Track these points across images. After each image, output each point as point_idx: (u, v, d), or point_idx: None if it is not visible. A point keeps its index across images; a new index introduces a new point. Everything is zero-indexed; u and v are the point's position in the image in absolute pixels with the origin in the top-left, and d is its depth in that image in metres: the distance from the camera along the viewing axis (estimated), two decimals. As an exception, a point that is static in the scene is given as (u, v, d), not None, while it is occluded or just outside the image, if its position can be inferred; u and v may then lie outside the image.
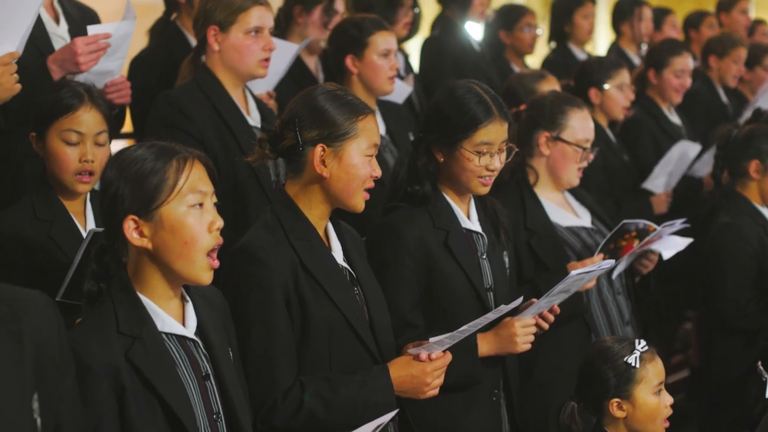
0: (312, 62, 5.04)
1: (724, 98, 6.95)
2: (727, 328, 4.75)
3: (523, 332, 3.40)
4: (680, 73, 5.97)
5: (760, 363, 3.87)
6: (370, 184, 3.04)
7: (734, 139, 4.91)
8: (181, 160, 2.50)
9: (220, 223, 2.52)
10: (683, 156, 5.62)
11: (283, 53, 4.41)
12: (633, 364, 3.30)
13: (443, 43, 6.04)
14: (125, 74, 4.33)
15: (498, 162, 3.45)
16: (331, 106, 3.00)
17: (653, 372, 3.32)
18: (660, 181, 5.59)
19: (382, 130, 4.60)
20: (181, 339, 2.55)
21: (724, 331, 4.79)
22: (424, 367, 3.00)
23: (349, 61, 4.51)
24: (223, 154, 3.76)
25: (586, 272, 3.39)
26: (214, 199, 2.55)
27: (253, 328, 2.88)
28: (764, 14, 10.48)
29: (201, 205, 2.51)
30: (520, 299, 3.29)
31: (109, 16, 3.84)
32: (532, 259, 3.99)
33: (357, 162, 2.99)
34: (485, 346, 3.41)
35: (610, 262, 3.58)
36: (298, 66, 4.81)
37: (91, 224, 3.34)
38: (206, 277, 2.53)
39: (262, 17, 3.93)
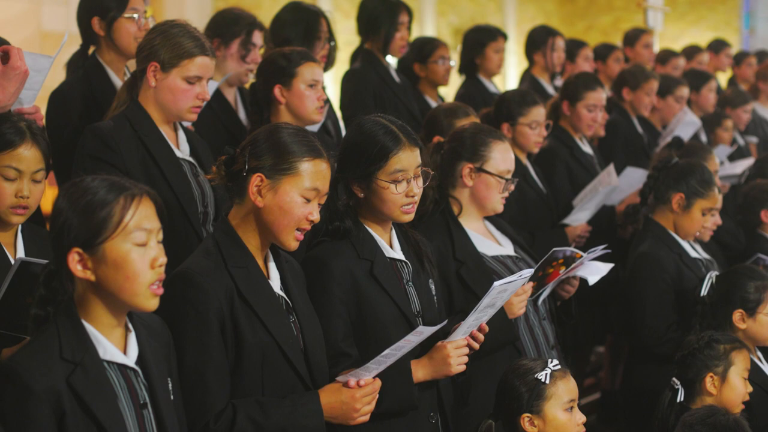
0: (231, 94, 5.07)
1: (639, 128, 7.12)
2: (647, 353, 4.88)
3: (456, 354, 3.47)
4: (592, 107, 6.11)
5: (674, 378, 4.04)
6: (305, 226, 3.12)
7: (672, 166, 5.05)
8: (128, 197, 2.55)
9: (163, 259, 2.58)
10: (607, 191, 5.74)
11: None
12: (543, 380, 3.41)
13: (364, 75, 6.09)
14: (43, 107, 4.30)
15: (416, 187, 3.54)
16: (288, 141, 3.10)
17: (564, 389, 3.45)
18: (580, 215, 5.71)
19: None
20: (122, 367, 2.60)
21: (644, 357, 4.92)
22: (354, 394, 3.09)
23: (277, 90, 4.58)
24: (147, 186, 3.76)
25: (509, 282, 3.47)
26: (161, 236, 2.60)
27: (187, 351, 2.94)
28: (668, 46, 10.77)
29: (145, 241, 2.55)
30: (444, 322, 3.40)
31: (19, 45, 3.82)
32: (462, 289, 4.05)
33: (291, 200, 3.07)
34: (420, 371, 3.48)
35: (530, 271, 3.67)
36: (217, 98, 4.85)
37: (20, 255, 3.36)
38: (151, 305, 2.59)
39: (204, 68, 3.97)
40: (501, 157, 4.19)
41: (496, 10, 17.01)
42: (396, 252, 3.63)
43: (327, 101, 4.79)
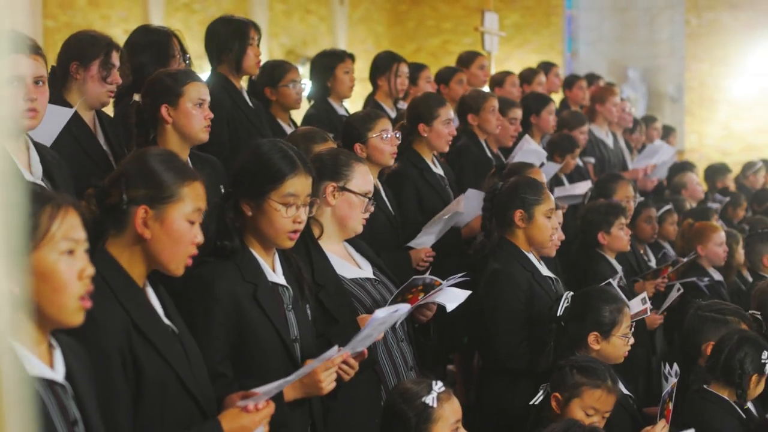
0: (89, 118, 4.97)
1: (488, 152, 7.24)
2: (500, 368, 4.98)
3: (325, 375, 3.48)
4: (447, 122, 6.21)
5: (544, 386, 4.18)
6: (193, 251, 3.09)
7: (500, 192, 5.18)
8: (54, 206, 2.47)
9: (90, 270, 2.51)
10: (453, 217, 5.80)
11: (58, 117, 4.40)
12: (431, 404, 3.47)
13: (217, 99, 6.00)
14: None
15: (304, 215, 3.59)
16: (160, 169, 3.06)
17: (450, 411, 3.52)
18: (425, 239, 5.75)
19: None
20: (51, 384, 2.52)
21: (497, 371, 5.01)
22: (253, 418, 3.10)
23: (164, 110, 4.52)
24: None
25: (389, 315, 3.51)
26: (86, 246, 2.54)
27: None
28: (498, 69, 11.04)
29: (71, 252, 2.49)
30: (335, 348, 3.42)
31: None
32: (321, 312, 4.05)
33: (179, 227, 3.04)
34: (291, 391, 3.49)
35: (407, 306, 3.73)
36: (76, 122, 4.74)
37: None
38: (78, 319, 2.52)
39: (17, 66, 3.82)
40: (362, 178, 4.26)
41: (327, 32, 17.17)
42: (278, 276, 3.66)
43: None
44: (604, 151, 9.40)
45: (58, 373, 2.56)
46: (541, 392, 4.19)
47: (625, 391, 4.72)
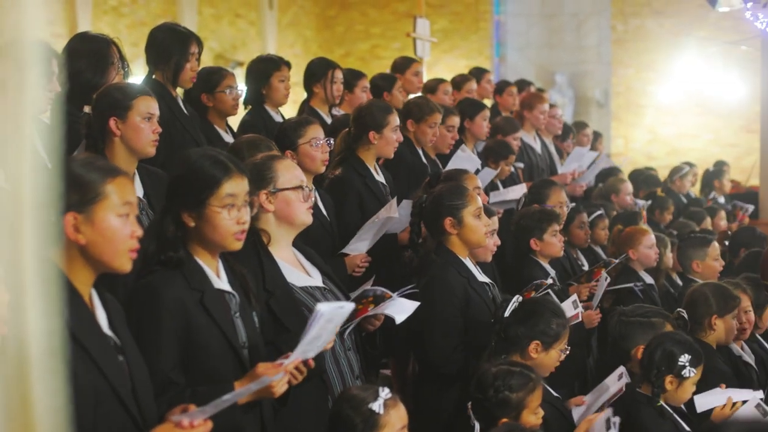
0: (27, 125, 4.94)
1: (424, 158, 7.25)
2: (434, 373, 5.02)
3: (277, 382, 3.48)
4: (396, 129, 6.26)
5: (469, 405, 4.19)
6: (134, 245, 3.08)
7: (426, 204, 5.24)
8: None
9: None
10: (387, 223, 5.77)
11: None
12: (377, 411, 3.50)
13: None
14: None
15: (246, 215, 3.61)
16: (80, 172, 3.04)
17: (396, 417, 3.54)
18: (359, 245, 5.74)
19: (140, 193, 4.65)
20: None
21: (431, 377, 5.06)
22: None
23: (112, 123, 4.54)
24: None
25: (333, 310, 3.45)
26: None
27: None
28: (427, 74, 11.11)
29: None
30: (281, 374, 3.44)
31: None
32: (271, 320, 4.07)
33: (110, 225, 3.03)
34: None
35: (352, 305, 3.68)
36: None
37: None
38: None
39: None
40: (288, 173, 4.25)
41: (256, 36, 17.14)
42: (223, 283, 3.67)
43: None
44: (533, 156, 9.45)
45: None
46: (475, 426, 4.12)
47: (555, 394, 4.77)
